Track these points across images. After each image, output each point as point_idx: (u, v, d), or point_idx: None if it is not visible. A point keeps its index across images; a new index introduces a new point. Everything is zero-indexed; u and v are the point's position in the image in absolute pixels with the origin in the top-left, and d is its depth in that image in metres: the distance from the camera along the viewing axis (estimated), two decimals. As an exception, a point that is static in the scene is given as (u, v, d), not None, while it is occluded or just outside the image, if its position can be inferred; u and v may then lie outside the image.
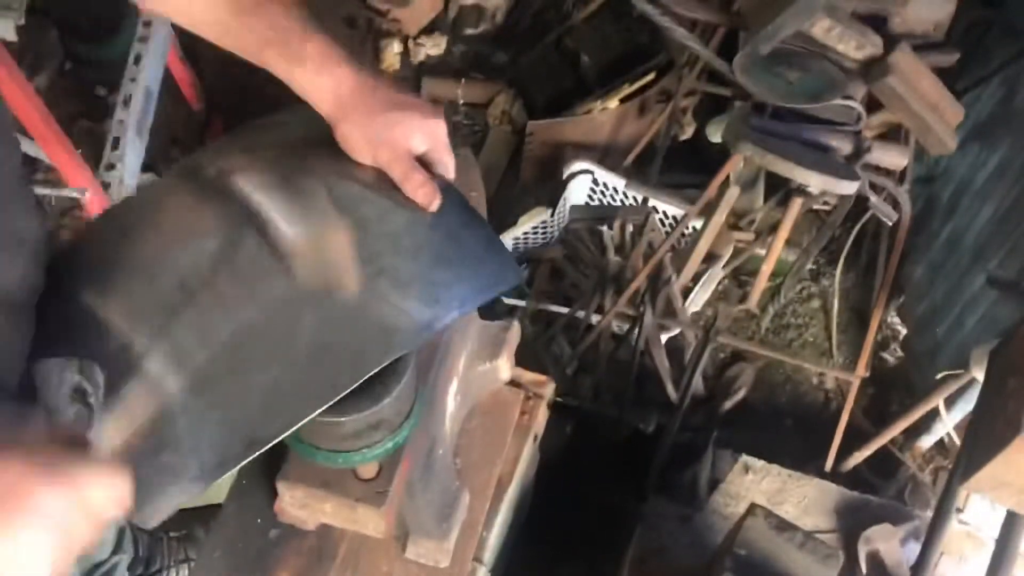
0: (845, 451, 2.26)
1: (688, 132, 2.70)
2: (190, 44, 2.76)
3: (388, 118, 1.06)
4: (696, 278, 2.53)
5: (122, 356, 0.98)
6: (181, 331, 0.99)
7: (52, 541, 0.72)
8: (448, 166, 1.13)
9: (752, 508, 1.64)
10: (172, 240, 1.06)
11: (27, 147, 2.15)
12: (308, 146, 1.11)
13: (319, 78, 1.05)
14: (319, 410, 0.97)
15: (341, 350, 0.99)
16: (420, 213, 1.09)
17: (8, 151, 1.03)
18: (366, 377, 1.00)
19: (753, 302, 2.46)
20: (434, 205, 1.09)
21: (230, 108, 2.86)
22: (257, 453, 0.96)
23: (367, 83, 1.06)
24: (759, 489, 2.04)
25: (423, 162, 1.11)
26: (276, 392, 0.98)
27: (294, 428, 0.97)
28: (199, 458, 0.97)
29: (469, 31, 3.08)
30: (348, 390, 0.99)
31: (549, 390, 1.78)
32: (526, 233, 2.61)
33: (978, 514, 1.97)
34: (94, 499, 0.75)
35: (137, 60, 2.46)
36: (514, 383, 1.74)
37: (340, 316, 1.00)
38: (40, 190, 2.37)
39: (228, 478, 2.24)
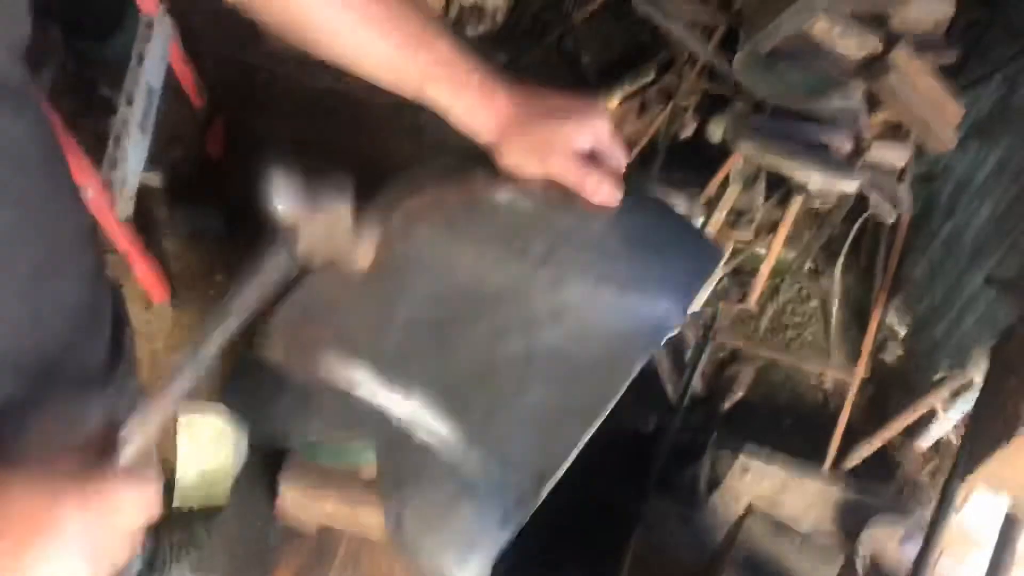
0: (844, 450, 2.26)
1: (688, 131, 2.70)
2: (192, 43, 2.76)
3: (548, 127, 1.04)
4: (696, 277, 2.53)
5: (384, 422, 0.97)
6: (437, 384, 0.97)
7: (87, 562, 0.71)
8: (619, 158, 1.10)
9: (751, 508, 1.65)
10: (388, 294, 1.03)
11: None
12: (474, 176, 1.09)
13: (479, 105, 1.04)
14: (593, 427, 0.95)
15: (589, 365, 0.97)
16: (614, 215, 1.06)
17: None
18: (625, 386, 0.98)
19: (752, 301, 2.46)
20: (617, 199, 1.06)
21: (232, 107, 2.87)
22: (549, 484, 0.94)
23: (522, 97, 1.05)
24: (758, 489, 2.04)
25: (593, 161, 1.07)
26: (545, 418, 0.95)
27: (575, 451, 0.94)
28: (499, 502, 0.94)
29: (469, 31, 3.08)
30: (612, 403, 0.96)
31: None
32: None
33: (977, 513, 1.97)
34: (125, 513, 0.74)
35: (140, 59, 2.46)
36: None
37: (577, 331, 0.98)
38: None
39: (228, 479, 2.25)
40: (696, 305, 2.58)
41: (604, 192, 1.05)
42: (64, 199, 1.00)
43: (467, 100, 1.04)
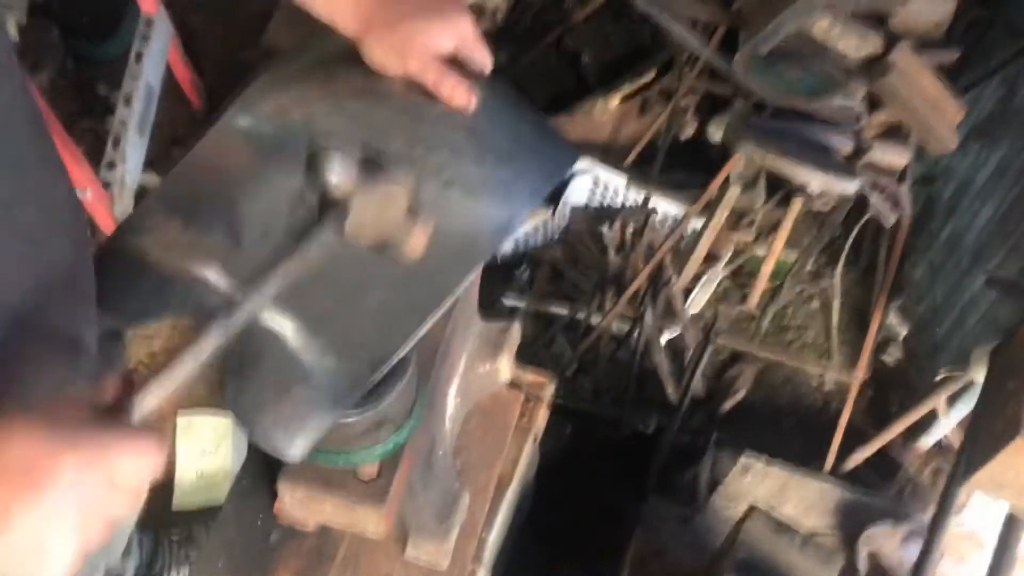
0: (845, 451, 2.26)
1: (689, 132, 2.70)
2: (191, 43, 2.76)
3: (410, 26, 1.04)
4: (696, 279, 2.53)
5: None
6: (279, 277, 0.99)
7: (79, 516, 0.70)
8: (483, 60, 1.11)
9: (752, 509, 1.64)
10: (246, 189, 1.06)
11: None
12: (343, 71, 1.11)
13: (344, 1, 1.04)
14: (430, 321, 1.00)
15: (433, 264, 0.99)
16: (469, 116, 1.08)
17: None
18: (464, 285, 1.03)
19: (753, 303, 2.46)
20: (472, 104, 1.07)
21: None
22: (383, 370, 0.99)
23: None
24: (759, 490, 2.04)
25: (456, 63, 1.08)
26: (384, 313, 1.01)
27: (411, 341, 1.00)
28: (331, 387, 0.99)
29: (469, 31, 3.08)
30: (452, 299, 1.01)
31: (549, 391, 1.78)
32: (526, 233, 2.61)
33: (978, 515, 1.97)
34: (124, 471, 0.73)
35: (138, 59, 2.46)
36: (514, 384, 1.74)
37: None
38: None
39: (227, 480, 2.25)
40: (697, 306, 2.57)
41: (459, 97, 1.06)
42: (52, 166, 1.01)
43: None
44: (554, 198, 2.60)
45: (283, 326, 1.00)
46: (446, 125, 1.08)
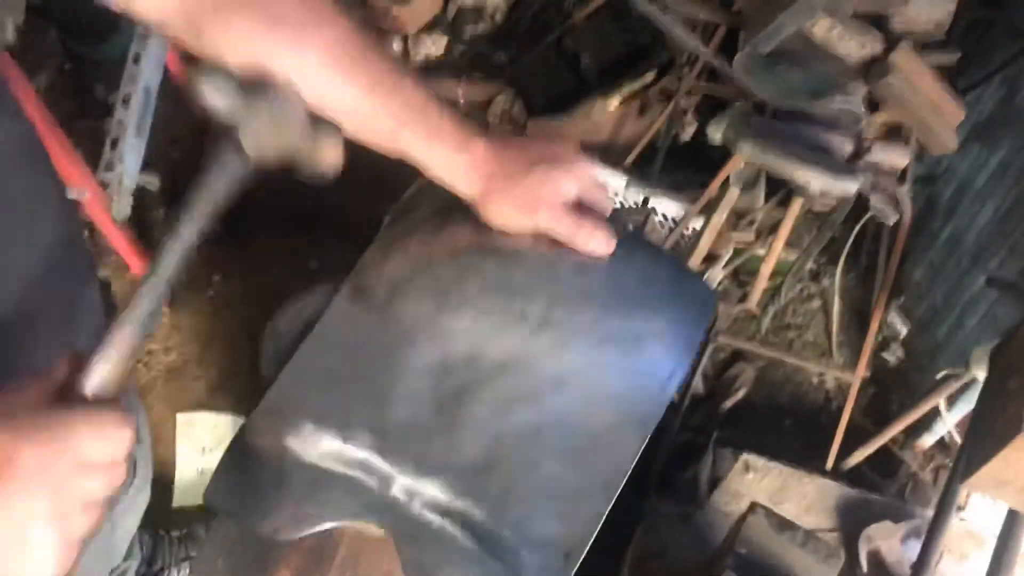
0: (846, 450, 2.26)
1: (688, 132, 2.70)
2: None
3: (533, 178, 1.00)
4: (696, 278, 2.53)
5: (402, 509, 0.95)
6: (450, 464, 0.94)
7: (52, 502, 0.68)
8: (603, 203, 1.07)
9: (753, 507, 1.64)
10: (380, 369, 0.99)
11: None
12: (463, 228, 1.05)
13: (457, 155, 0.99)
14: (614, 497, 0.93)
15: (602, 431, 0.94)
16: (607, 266, 1.03)
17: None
18: (641, 449, 0.96)
19: (753, 302, 2.46)
20: (611, 248, 1.03)
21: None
22: (577, 565, 0.92)
23: (502, 149, 1.01)
24: (760, 488, 2.04)
25: (581, 209, 1.04)
26: (562, 495, 0.93)
27: (599, 525, 0.93)
28: None
29: (469, 31, 3.08)
30: (630, 468, 0.94)
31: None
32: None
33: (979, 513, 1.97)
34: (90, 450, 0.71)
35: (136, 60, 2.46)
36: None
37: (584, 398, 0.95)
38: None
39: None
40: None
41: (598, 243, 1.03)
42: (47, 198, 1.00)
43: (443, 151, 0.99)
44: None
45: (458, 522, 0.93)
46: (586, 280, 1.02)
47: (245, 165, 0.83)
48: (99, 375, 0.77)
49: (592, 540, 0.91)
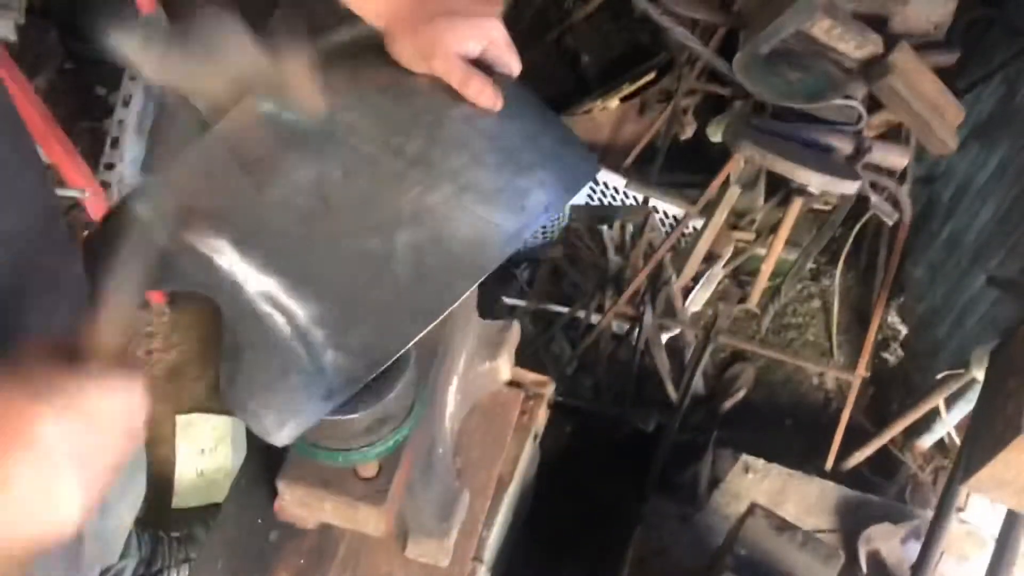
0: (845, 451, 2.26)
1: (688, 132, 2.70)
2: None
3: (437, 25, 1.03)
4: (696, 278, 2.54)
5: (237, 291, 1.01)
6: (295, 266, 1.00)
7: (74, 461, 0.70)
8: (510, 64, 1.09)
9: (752, 508, 1.64)
10: (263, 175, 1.05)
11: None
12: (370, 62, 1.09)
13: None
14: (429, 326, 0.99)
15: (438, 268, 1.00)
16: (493, 120, 1.07)
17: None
18: (465, 295, 1.02)
19: (753, 302, 2.46)
20: (498, 105, 1.06)
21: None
22: (378, 371, 0.99)
23: None
24: (759, 489, 2.04)
25: (482, 65, 1.06)
26: (386, 313, 1.00)
27: (408, 345, 0.99)
28: (326, 380, 0.99)
29: (469, 31, 3.08)
30: (453, 306, 1.00)
31: (549, 390, 1.78)
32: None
33: (979, 513, 1.97)
34: (105, 412, 0.73)
35: (137, 60, 2.46)
36: (514, 383, 1.73)
37: (433, 235, 1.01)
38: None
39: (227, 479, 2.24)
40: (697, 305, 2.57)
41: (484, 99, 1.05)
42: (29, 166, 1.01)
43: None
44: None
45: (284, 314, 1.00)
46: (468, 129, 1.06)
47: (197, 114, 0.86)
48: (105, 331, 0.78)
49: (394, 357, 0.99)
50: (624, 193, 2.61)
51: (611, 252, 2.51)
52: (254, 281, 1.01)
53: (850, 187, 2.10)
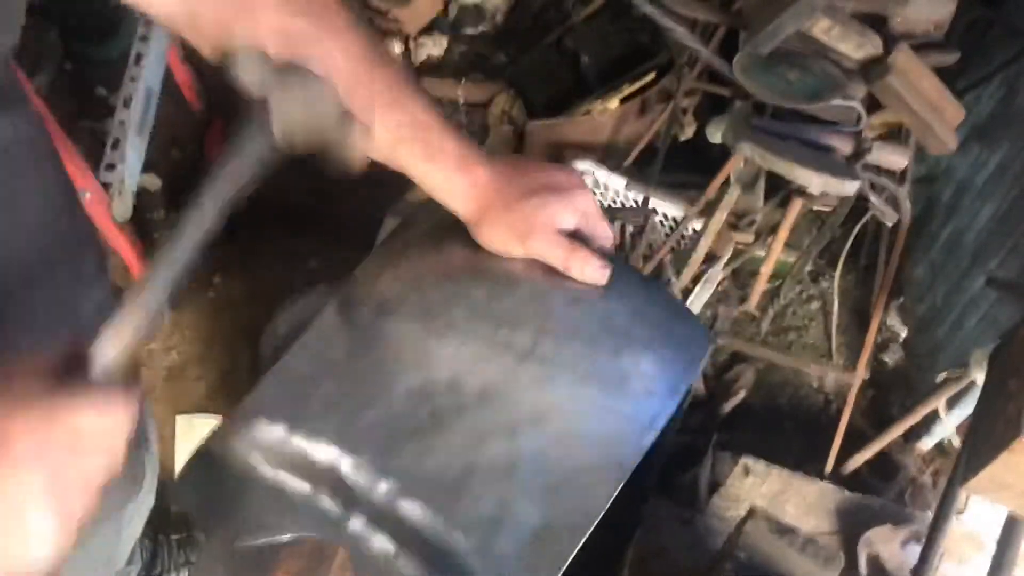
0: (845, 453, 2.26)
1: (688, 132, 2.70)
2: (190, 45, 2.75)
3: (530, 204, 0.99)
4: (696, 279, 2.53)
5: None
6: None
7: (48, 482, 0.67)
8: (606, 236, 1.05)
9: (752, 511, 1.64)
10: (368, 392, 0.97)
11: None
12: (458, 250, 1.03)
13: (457, 176, 0.98)
14: (581, 541, 0.91)
15: (577, 472, 0.92)
16: (598, 299, 1.01)
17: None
18: (614, 495, 0.93)
19: (753, 303, 2.46)
20: (606, 277, 1.01)
21: (231, 109, 2.86)
22: None
23: (503, 174, 1.00)
24: (759, 491, 2.04)
25: (578, 240, 1.02)
26: (530, 533, 0.89)
27: (563, 567, 0.90)
28: None
29: (469, 31, 3.08)
30: (602, 512, 0.92)
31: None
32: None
33: (979, 516, 1.97)
34: (88, 431, 0.69)
35: (138, 60, 2.46)
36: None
37: (562, 435, 0.93)
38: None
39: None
40: (696, 306, 2.57)
41: (592, 272, 1.01)
42: (51, 160, 1.01)
43: (443, 170, 0.98)
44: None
45: (428, 549, 0.90)
46: (576, 313, 0.99)
47: (272, 143, 0.82)
48: (106, 354, 0.75)
49: None
50: (624, 194, 2.61)
51: (611, 253, 2.50)
52: (377, 511, 0.93)
53: (850, 187, 2.10)
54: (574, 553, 0.90)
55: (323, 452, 0.94)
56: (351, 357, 0.98)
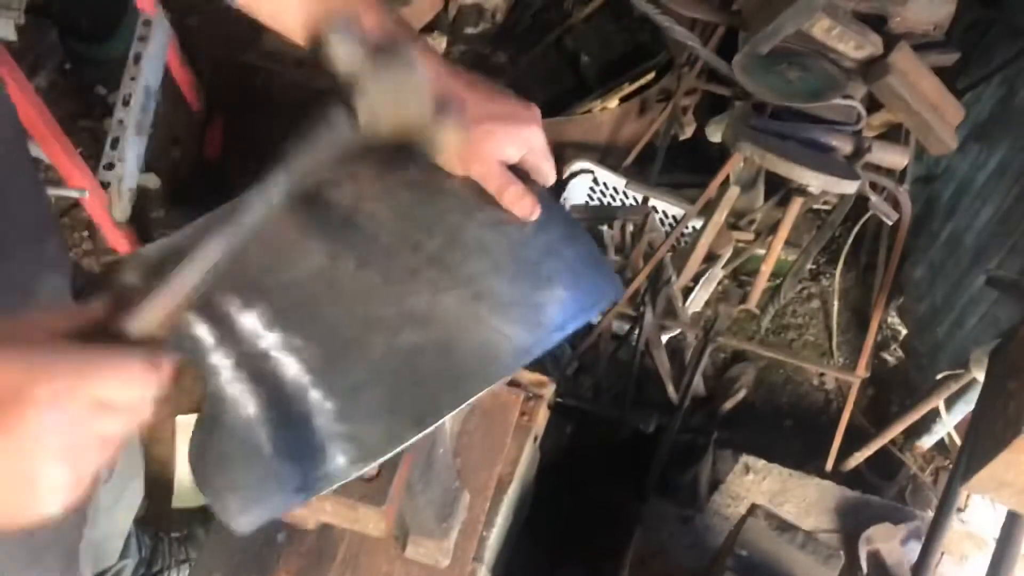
0: (846, 451, 2.26)
1: (688, 132, 2.70)
2: (189, 44, 2.76)
3: (478, 130, 1.00)
4: (696, 278, 2.53)
5: (225, 365, 0.96)
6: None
7: (63, 440, 0.67)
8: (546, 174, 1.07)
9: (753, 508, 1.64)
10: (279, 257, 1.01)
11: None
12: (405, 157, 1.05)
13: None
14: (422, 432, 0.94)
15: (440, 375, 0.96)
16: (519, 229, 1.04)
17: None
18: (470, 403, 0.97)
19: (753, 302, 2.46)
20: (534, 215, 1.04)
21: (230, 108, 2.86)
22: (364, 470, 0.93)
23: (462, 92, 1.02)
24: (760, 489, 2.04)
25: (518, 172, 1.04)
26: (377, 412, 0.94)
27: (398, 448, 0.94)
28: (302, 471, 0.93)
29: (469, 31, 3.08)
30: (448, 415, 0.96)
31: (549, 390, 1.77)
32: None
33: (979, 514, 1.97)
34: (111, 390, 0.70)
35: (137, 59, 2.46)
36: (514, 383, 1.73)
37: (439, 339, 0.97)
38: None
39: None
40: (697, 305, 2.57)
41: (520, 207, 1.03)
42: (18, 145, 1.02)
43: None
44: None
45: (270, 397, 0.95)
46: (492, 235, 1.03)
47: (354, 130, 0.81)
48: (146, 316, 0.74)
49: (378, 461, 0.95)
50: (624, 193, 2.61)
51: (611, 252, 2.51)
52: (244, 358, 0.96)
53: (850, 187, 2.10)
54: (407, 443, 0.94)
55: (226, 299, 0.98)
56: (281, 228, 1.01)
